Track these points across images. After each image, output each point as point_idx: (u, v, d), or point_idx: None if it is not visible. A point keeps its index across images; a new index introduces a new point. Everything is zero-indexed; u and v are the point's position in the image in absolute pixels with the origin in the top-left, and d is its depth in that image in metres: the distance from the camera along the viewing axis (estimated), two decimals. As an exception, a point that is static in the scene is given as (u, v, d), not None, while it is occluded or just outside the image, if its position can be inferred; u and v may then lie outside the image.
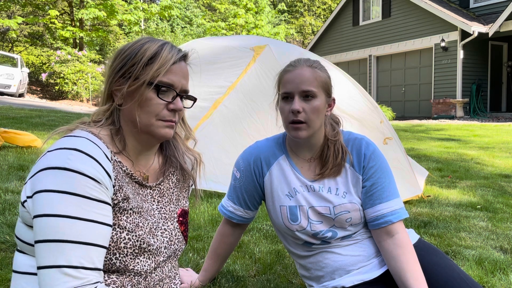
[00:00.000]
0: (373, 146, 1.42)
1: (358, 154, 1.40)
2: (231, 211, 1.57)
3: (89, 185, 0.92)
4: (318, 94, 1.34)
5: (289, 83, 1.35)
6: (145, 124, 1.05)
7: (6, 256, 1.85)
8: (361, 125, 3.22)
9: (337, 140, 1.40)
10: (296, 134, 1.34)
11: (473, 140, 7.54)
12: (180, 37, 22.35)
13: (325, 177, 1.41)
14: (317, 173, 1.42)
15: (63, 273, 0.87)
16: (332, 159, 1.39)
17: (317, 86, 1.34)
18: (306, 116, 1.32)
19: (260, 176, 1.49)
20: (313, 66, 1.36)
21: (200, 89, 3.29)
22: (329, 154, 1.39)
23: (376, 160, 1.39)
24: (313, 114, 1.33)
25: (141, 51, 1.04)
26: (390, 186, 1.39)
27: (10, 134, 4.18)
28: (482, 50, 13.64)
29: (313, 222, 1.40)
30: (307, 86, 1.32)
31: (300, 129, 1.33)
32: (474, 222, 2.80)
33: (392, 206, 1.38)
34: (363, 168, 1.39)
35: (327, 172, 1.40)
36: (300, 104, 1.32)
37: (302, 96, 1.33)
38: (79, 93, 15.63)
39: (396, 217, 1.37)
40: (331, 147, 1.40)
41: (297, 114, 1.32)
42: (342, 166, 1.40)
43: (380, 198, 1.38)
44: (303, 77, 1.33)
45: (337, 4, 22.76)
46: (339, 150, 1.39)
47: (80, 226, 0.90)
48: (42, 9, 18.75)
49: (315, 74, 1.34)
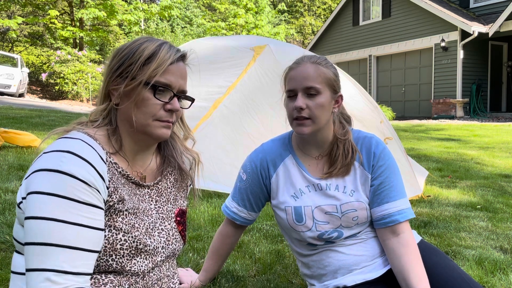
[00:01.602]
0: (382, 145, 1.42)
1: (368, 153, 1.39)
2: (235, 212, 1.56)
3: (79, 188, 0.91)
4: (322, 90, 1.33)
5: (292, 80, 1.35)
6: (142, 124, 1.05)
7: (6, 256, 1.85)
8: (361, 125, 3.21)
9: (347, 139, 1.39)
10: (300, 130, 1.34)
11: (473, 140, 7.54)
12: (180, 37, 22.35)
13: (333, 176, 1.40)
14: (325, 171, 1.41)
15: (44, 277, 0.87)
16: (341, 159, 1.38)
17: (321, 82, 1.33)
18: (310, 113, 1.32)
19: (266, 178, 1.48)
20: (316, 62, 1.35)
21: (200, 89, 3.29)
22: (338, 153, 1.38)
23: (385, 159, 1.39)
24: (318, 110, 1.32)
25: (139, 50, 1.04)
26: (398, 186, 1.39)
27: (10, 134, 4.18)
28: (482, 50, 13.63)
29: (319, 223, 1.39)
30: (309, 82, 1.32)
31: (304, 125, 1.32)
32: (474, 222, 2.80)
33: (399, 205, 1.37)
34: (372, 167, 1.39)
35: (335, 171, 1.39)
36: (303, 101, 1.31)
37: (305, 92, 1.32)
38: (79, 93, 15.64)
39: (403, 217, 1.36)
40: (340, 146, 1.39)
41: (300, 111, 1.31)
42: (351, 165, 1.39)
43: (387, 197, 1.37)
44: (305, 73, 1.33)
45: (337, 4, 22.75)
46: (348, 149, 1.38)
47: (66, 229, 0.89)
48: (42, 9, 18.74)
49: (318, 71, 1.34)
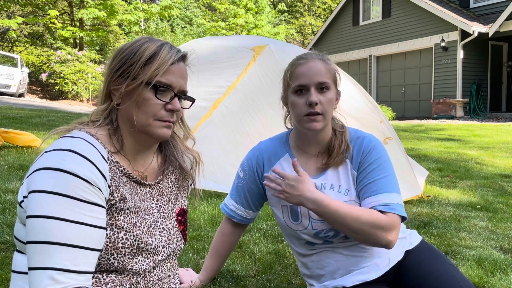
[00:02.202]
0: (374, 142, 1.40)
1: (358, 151, 1.40)
2: (232, 210, 1.58)
3: (81, 187, 0.91)
4: (331, 86, 1.35)
5: (303, 76, 1.33)
6: (143, 124, 1.05)
7: (6, 256, 1.85)
8: (361, 125, 3.21)
9: (344, 131, 1.41)
10: (313, 126, 1.33)
11: (473, 140, 7.54)
12: (180, 37, 22.34)
13: (330, 166, 1.40)
14: (324, 162, 1.41)
15: (46, 275, 0.87)
16: (337, 149, 1.39)
17: (330, 78, 1.35)
18: (322, 108, 1.32)
19: (262, 176, 1.49)
20: (323, 59, 1.38)
21: (200, 89, 3.29)
22: (336, 143, 1.39)
23: (373, 155, 1.37)
24: (328, 105, 1.34)
25: (140, 50, 1.05)
26: (387, 181, 1.34)
27: (10, 134, 4.18)
28: (482, 50, 13.64)
29: (315, 221, 1.40)
30: (322, 78, 1.33)
31: (317, 120, 1.33)
32: (474, 222, 2.80)
33: (383, 199, 1.30)
34: (359, 163, 1.38)
35: (332, 161, 1.39)
36: (317, 96, 1.32)
37: (317, 88, 1.33)
38: (79, 93, 15.64)
39: (387, 208, 1.29)
40: (338, 136, 1.40)
41: (314, 106, 1.31)
42: (344, 157, 1.40)
43: (370, 191, 1.33)
44: (317, 69, 1.33)
45: (337, 4, 22.75)
46: (343, 140, 1.40)
47: (68, 228, 0.89)
48: (42, 9, 18.75)
49: (328, 66, 1.36)
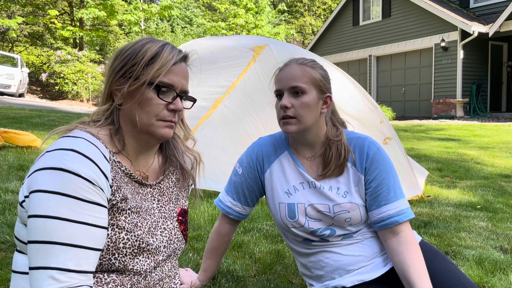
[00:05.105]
0: (376, 146, 1.41)
1: (360, 154, 1.40)
2: (229, 207, 1.57)
3: (83, 187, 0.91)
4: (308, 90, 1.35)
5: (278, 81, 1.39)
6: (145, 124, 1.05)
7: (6, 256, 1.85)
8: (361, 125, 3.21)
9: (339, 140, 1.40)
10: (286, 128, 1.37)
11: (473, 140, 7.54)
12: (180, 37, 22.32)
13: (327, 177, 1.41)
14: (320, 173, 1.42)
15: (48, 275, 0.87)
16: (335, 160, 1.39)
17: (306, 82, 1.35)
18: (295, 112, 1.34)
19: (261, 172, 1.50)
20: (303, 63, 1.39)
21: (200, 89, 3.29)
22: (331, 155, 1.40)
23: (379, 161, 1.39)
24: (303, 109, 1.34)
25: (142, 51, 1.05)
26: (396, 187, 1.39)
27: (10, 134, 4.18)
28: (482, 50, 13.63)
29: (311, 220, 1.40)
30: (294, 82, 1.35)
31: (290, 123, 1.35)
32: (474, 222, 2.80)
33: (398, 206, 1.37)
34: (365, 169, 1.39)
35: (329, 173, 1.40)
36: (288, 100, 1.35)
37: (291, 92, 1.36)
38: (79, 93, 15.63)
39: (402, 218, 1.36)
40: (333, 147, 1.40)
41: (285, 109, 1.34)
42: (344, 166, 1.40)
43: (385, 200, 1.37)
44: (291, 74, 1.36)
45: (337, 4, 22.75)
46: (341, 150, 1.39)
47: (70, 228, 0.89)
48: (42, 9, 18.74)
49: (303, 71, 1.37)
